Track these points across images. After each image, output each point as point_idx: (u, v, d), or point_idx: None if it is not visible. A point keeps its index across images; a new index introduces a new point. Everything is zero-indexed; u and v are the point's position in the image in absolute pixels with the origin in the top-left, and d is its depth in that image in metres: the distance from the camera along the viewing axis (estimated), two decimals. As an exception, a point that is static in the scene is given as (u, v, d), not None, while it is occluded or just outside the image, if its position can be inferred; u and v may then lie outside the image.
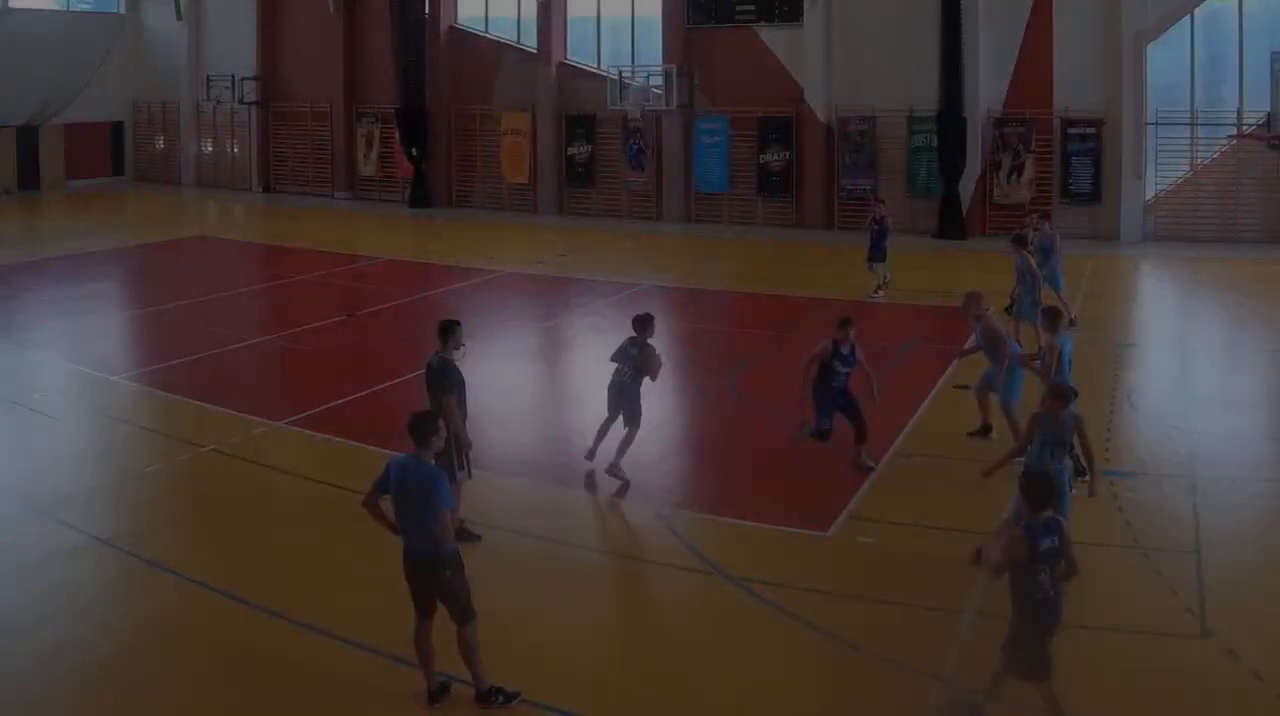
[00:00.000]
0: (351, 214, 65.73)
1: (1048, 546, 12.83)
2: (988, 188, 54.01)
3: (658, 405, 24.82)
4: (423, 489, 13.59)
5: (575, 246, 52.88)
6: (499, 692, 13.96)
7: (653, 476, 22.41)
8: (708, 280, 43.34)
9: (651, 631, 16.76)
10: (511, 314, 38.00)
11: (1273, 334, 34.91)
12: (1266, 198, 50.29)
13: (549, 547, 19.09)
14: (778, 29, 57.96)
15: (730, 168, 59.29)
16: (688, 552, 18.74)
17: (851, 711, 14.29)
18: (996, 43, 53.15)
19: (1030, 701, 13.31)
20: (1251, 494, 21.26)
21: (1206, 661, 14.94)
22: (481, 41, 66.76)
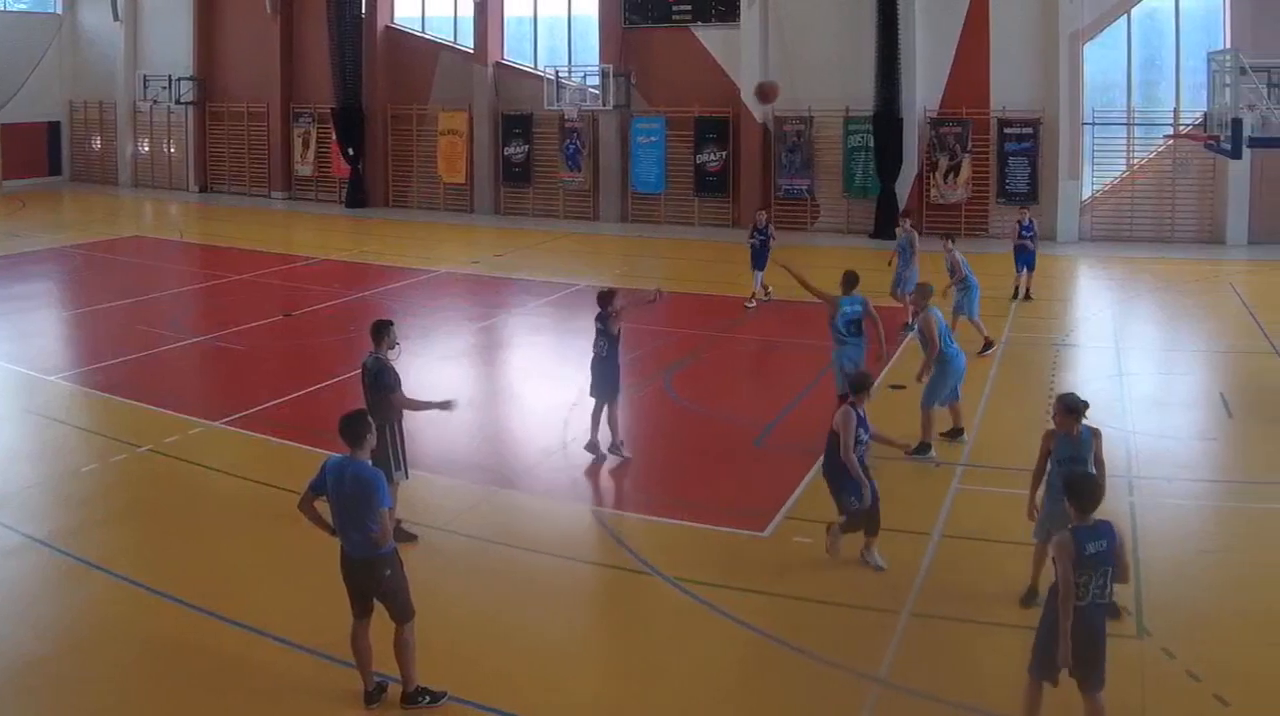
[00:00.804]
0: (288, 214, 64.85)
1: (1095, 552, 12.16)
2: (924, 188, 53.21)
3: (593, 405, 24.25)
4: (359, 489, 13.32)
5: (511, 246, 52.11)
6: (425, 693, 13.73)
7: (588, 476, 22.12)
8: (644, 280, 39.80)
9: (588, 631, 16.49)
10: (448, 314, 37.45)
11: (1208, 334, 34.51)
12: (1202, 198, 49.96)
13: (486, 547, 18.75)
14: (714, 29, 57.12)
15: (667, 168, 58.43)
16: (624, 552, 18.41)
17: (789, 711, 13.92)
18: (933, 43, 52.55)
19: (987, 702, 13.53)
20: (1187, 493, 20.94)
21: (1143, 660, 14.69)
22: (418, 41, 65.63)
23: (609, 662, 15.31)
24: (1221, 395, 27.05)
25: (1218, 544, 18.74)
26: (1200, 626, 15.56)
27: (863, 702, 14.11)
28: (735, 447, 22.77)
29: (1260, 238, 48.41)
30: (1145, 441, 23.48)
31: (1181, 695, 13.91)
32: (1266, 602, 16.33)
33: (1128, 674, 14.17)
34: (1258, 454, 23.26)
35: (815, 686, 14.41)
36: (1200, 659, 14.54)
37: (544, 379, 29.90)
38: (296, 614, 16.01)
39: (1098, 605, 12.27)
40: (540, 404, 27.25)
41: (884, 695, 14.26)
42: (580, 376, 26.92)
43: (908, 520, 19.03)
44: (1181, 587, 16.87)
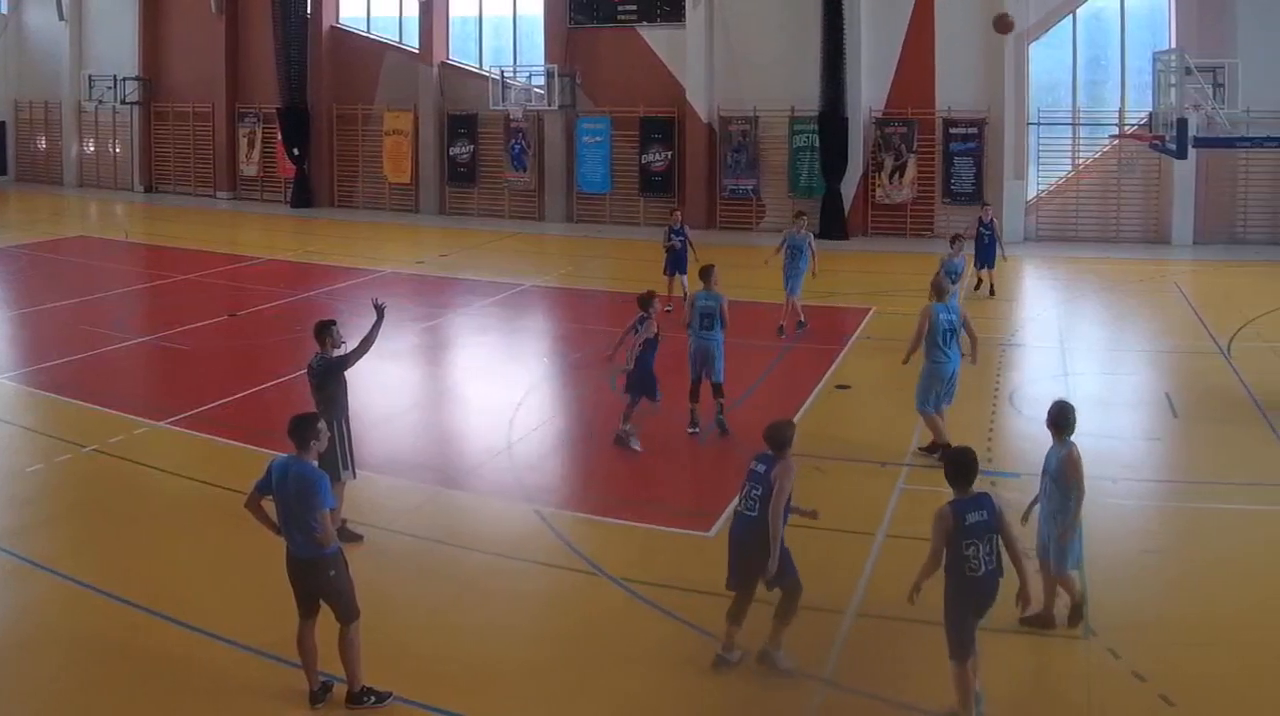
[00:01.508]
0: (233, 214, 63.90)
1: (975, 521, 12.66)
2: (869, 188, 52.81)
3: (539, 406, 25.96)
4: (302, 489, 13.10)
5: (457, 246, 51.43)
6: (370, 693, 13.49)
7: (534, 476, 21.77)
8: (589, 280, 42.21)
9: (533, 631, 15.95)
10: (393, 314, 34.63)
11: (1153, 333, 34.19)
12: (1147, 198, 49.83)
13: (431, 547, 18.45)
14: (660, 29, 56.52)
15: (612, 168, 57.63)
16: (569, 552, 18.12)
17: (735, 712, 13.83)
18: (878, 42, 51.93)
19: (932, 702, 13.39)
20: (1133, 493, 20.65)
21: (1089, 661, 14.57)
22: (363, 41, 64.58)
23: (554, 663, 14.87)
24: (1167, 395, 26.74)
25: (1163, 544, 18.60)
26: (1146, 626, 15.39)
27: (808, 703, 13.93)
28: (681, 448, 22.48)
29: (1205, 238, 48.24)
30: (1090, 441, 20.66)
31: (1127, 695, 13.71)
32: (1212, 602, 16.18)
33: (1073, 674, 14.30)
34: (1203, 454, 23.04)
35: (761, 687, 14.10)
36: (1146, 659, 14.37)
37: (489, 379, 29.36)
38: (242, 614, 15.73)
39: (990, 572, 12.72)
40: (486, 404, 26.69)
41: (829, 695, 14.05)
42: (525, 375, 28.42)
43: (853, 520, 18.76)
44: (1127, 588, 16.72)
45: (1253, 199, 48.39)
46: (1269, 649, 14.75)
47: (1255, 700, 13.67)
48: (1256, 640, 15.03)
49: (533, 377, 29.00)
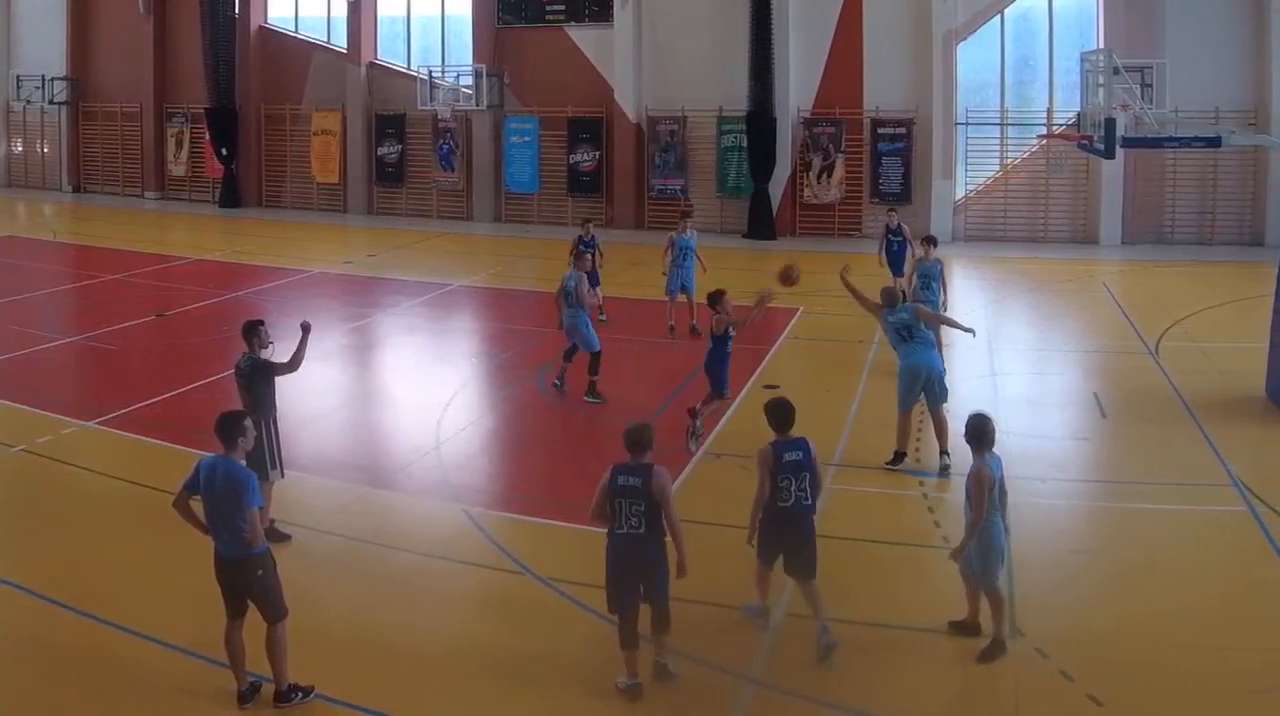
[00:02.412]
0: (162, 214, 62.56)
1: (791, 459, 14.38)
2: (797, 188, 51.96)
3: (468, 405, 25.79)
4: (232, 489, 12.93)
5: (385, 246, 50.57)
6: (296, 690, 13.27)
7: (462, 475, 21.53)
8: (517, 280, 41.36)
9: (461, 631, 15.64)
10: (321, 314, 34.72)
11: (1082, 333, 33.77)
12: (1076, 198, 49.30)
13: (359, 547, 18.14)
14: (588, 29, 55.47)
15: (540, 168, 56.60)
16: (497, 552, 17.84)
17: (663, 711, 13.57)
18: (806, 42, 51.14)
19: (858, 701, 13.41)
20: (1061, 493, 20.48)
21: (1016, 661, 14.32)
22: (291, 41, 63.15)
23: (481, 662, 14.58)
24: (1095, 395, 26.39)
25: (1091, 544, 18.44)
26: (1074, 626, 15.20)
27: (735, 702, 13.77)
28: (609, 447, 20.79)
29: (1133, 238, 47.89)
30: (1019, 441, 22.47)
31: (1055, 695, 13.57)
32: (1139, 602, 16.07)
33: (1001, 674, 14.11)
34: (1131, 454, 22.88)
35: (689, 686, 13.96)
36: (1074, 658, 14.20)
37: (418, 379, 29.03)
38: (170, 613, 15.39)
39: (802, 505, 14.42)
40: (414, 404, 26.40)
41: (756, 695, 13.90)
42: (453, 376, 28.14)
43: None
44: (1055, 587, 16.60)
45: (1180, 199, 47.89)
46: (1197, 648, 14.61)
47: (1183, 700, 13.54)
48: (1185, 640, 14.90)
49: (461, 377, 28.62)
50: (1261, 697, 13.46)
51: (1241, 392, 26.05)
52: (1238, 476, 20.59)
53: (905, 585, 16.49)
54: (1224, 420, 24.02)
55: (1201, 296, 36.88)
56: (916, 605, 15.93)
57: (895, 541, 17.46)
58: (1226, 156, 45.26)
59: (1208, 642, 14.75)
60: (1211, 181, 47.23)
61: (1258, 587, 16.46)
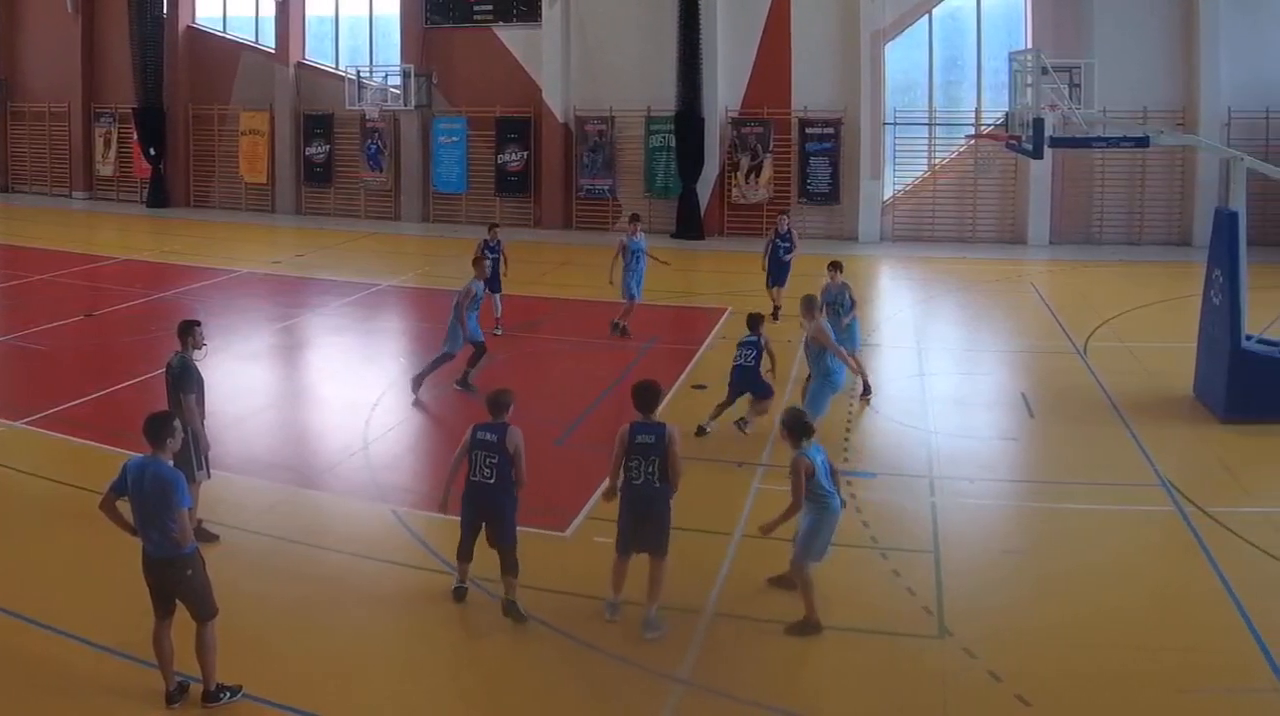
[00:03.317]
0: (89, 214, 61.01)
1: (643, 441, 14.75)
2: (725, 188, 51.06)
3: (396, 406, 25.24)
4: (160, 489, 12.74)
5: (313, 246, 49.54)
6: (224, 690, 13.15)
7: (390, 475, 21.18)
8: (445, 280, 38.85)
9: (388, 631, 15.44)
10: (249, 314, 35.58)
11: (1010, 333, 33.50)
12: (1004, 198, 48.87)
13: (287, 547, 17.93)
14: (516, 29, 54.36)
15: (468, 168, 55.50)
16: (425, 552, 17.67)
17: (591, 711, 13.59)
18: (735, 43, 50.36)
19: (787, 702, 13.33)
20: (989, 493, 20.40)
21: (944, 661, 14.29)
22: (219, 41, 61.38)
23: (409, 662, 14.43)
24: (1023, 395, 26.21)
25: (1019, 544, 18.24)
26: (1002, 627, 15.11)
27: (664, 702, 13.58)
28: (537, 447, 19.86)
29: (1061, 238, 47.61)
30: (947, 441, 22.99)
31: (983, 695, 13.46)
32: (1067, 602, 15.91)
33: (929, 674, 13.98)
34: (1059, 453, 22.71)
35: (617, 686, 13.96)
36: (1002, 659, 14.13)
37: (346, 379, 28.53)
38: (98, 614, 15.12)
39: (651, 486, 14.73)
40: (342, 404, 25.92)
41: (686, 695, 13.74)
42: (380, 376, 27.83)
43: (709, 520, 18.45)
44: (983, 588, 16.45)
45: (1109, 199, 47.64)
46: (1125, 649, 14.51)
47: (1111, 701, 13.41)
48: (1113, 640, 14.76)
49: (389, 377, 27.92)
50: (1190, 697, 13.37)
51: (1170, 392, 25.84)
52: (1166, 476, 20.48)
53: (832, 586, 15.82)
54: (1152, 420, 23.91)
55: (1130, 296, 36.63)
56: (843, 606, 15.62)
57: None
58: (1154, 156, 45.08)
59: (1136, 642, 14.67)
60: (1140, 181, 47.02)
61: (1186, 588, 16.37)
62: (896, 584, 16.41)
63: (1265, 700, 13.30)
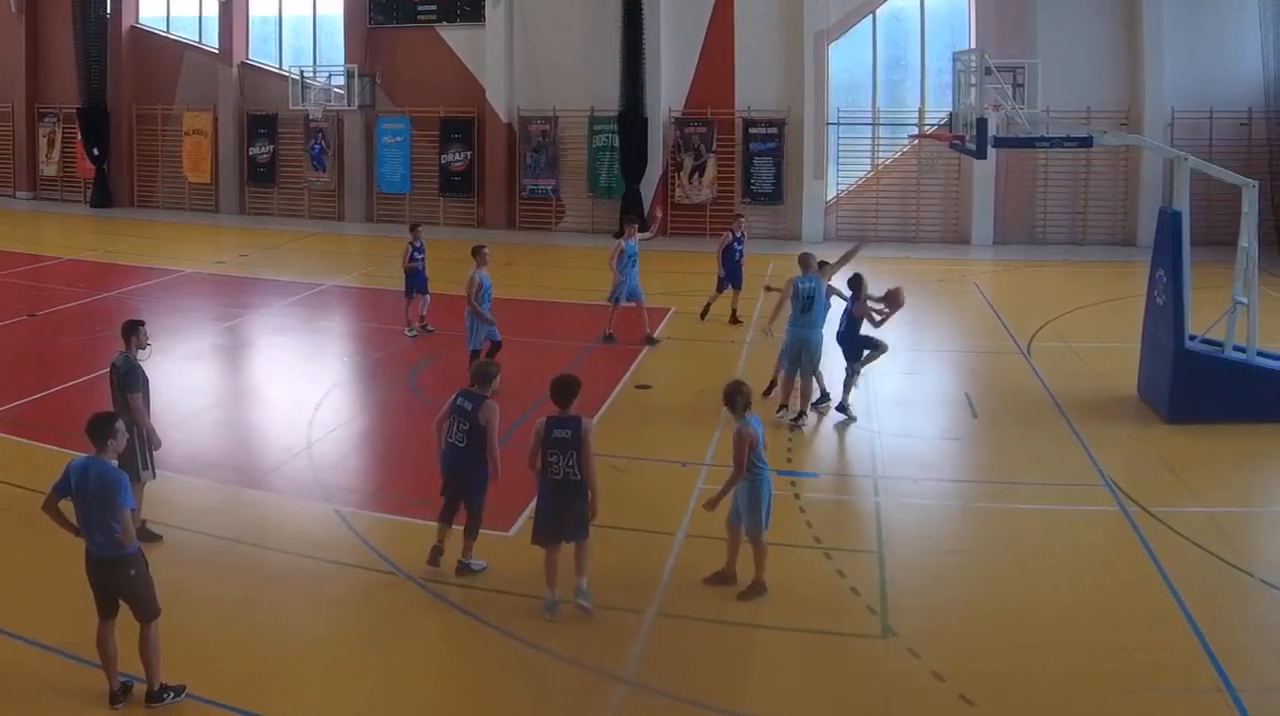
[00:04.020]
0: (33, 214, 59.39)
1: (559, 436, 14.78)
2: (669, 187, 50.12)
3: (340, 406, 25.12)
4: (104, 489, 12.49)
5: (257, 246, 48.52)
6: (168, 690, 12.89)
7: (334, 475, 20.83)
8: (389, 281, 38.36)
9: (332, 631, 15.20)
10: (193, 314, 34.88)
11: (953, 334, 33.16)
12: (947, 198, 48.30)
13: (231, 547, 17.61)
14: (459, 29, 53.29)
15: (412, 168, 54.29)
16: (369, 552, 17.35)
17: (533, 712, 13.32)
18: (678, 43, 49.52)
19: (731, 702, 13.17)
20: (933, 493, 20.19)
21: (888, 661, 14.15)
22: (163, 41, 59.75)
23: (353, 663, 14.21)
24: (967, 395, 26.03)
25: (963, 544, 18.09)
26: (945, 626, 14.95)
27: (607, 702, 13.40)
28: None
29: (1005, 238, 47.10)
30: (891, 441, 22.76)
31: (926, 695, 13.32)
32: (1011, 602, 15.80)
33: (872, 674, 13.87)
34: (1003, 454, 22.40)
35: (560, 687, 13.77)
36: (945, 659, 13.98)
37: (290, 379, 28.01)
38: (42, 614, 14.82)
39: (569, 480, 14.81)
40: (286, 404, 25.48)
41: (629, 695, 13.53)
42: (325, 376, 27.46)
43: (652, 520, 18.38)
44: (927, 588, 16.25)
45: (1052, 199, 47.18)
46: (1070, 649, 14.33)
47: (1055, 700, 13.27)
48: (1057, 640, 14.59)
49: (333, 377, 27.61)
50: (1134, 697, 13.23)
51: (1113, 392, 25.62)
52: (1109, 476, 20.32)
53: (776, 585, 15.68)
54: (1096, 420, 23.70)
55: (1073, 296, 36.39)
56: (787, 605, 15.47)
57: (767, 541, 16.06)
58: (1098, 157, 44.93)
59: (1080, 643, 14.47)
60: (1083, 182, 46.70)
61: (1129, 588, 16.16)
62: (840, 584, 16.19)
63: (1209, 700, 13.09)
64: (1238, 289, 23.33)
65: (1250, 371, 23.36)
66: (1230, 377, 23.36)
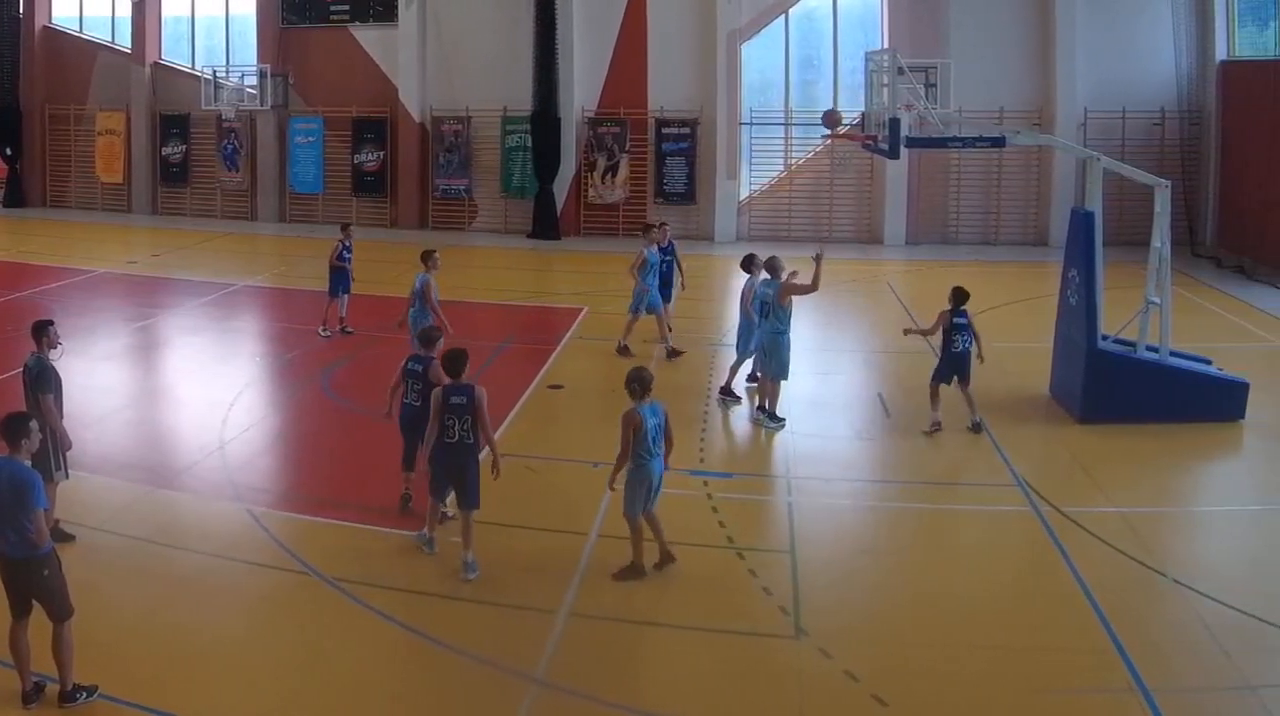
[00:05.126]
0: (-55, 215, 57.24)
1: (455, 402, 15.67)
2: (582, 188, 48.63)
3: (252, 405, 24.72)
4: (16, 490, 12.38)
5: (169, 246, 47.07)
6: (81, 690, 12.66)
7: (246, 475, 20.40)
8: (302, 280, 38.32)
9: (245, 631, 14.82)
10: (106, 314, 33.92)
11: (865, 334, 32.69)
12: (860, 198, 47.24)
13: (143, 546, 17.26)
14: (372, 29, 51.36)
15: (325, 168, 52.41)
16: (282, 552, 17.09)
17: (447, 712, 13.14)
18: (591, 42, 48.02)
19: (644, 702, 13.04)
20: (843, 492, 20.04)
21: (801, 661, 13.95)
22: (76, 41, 57.42)
23: (266, 663, 13.91)
24: (880, 395, 25.60)
25: (876, 544, 18.03)
26: (858, 626, 14.87)
27: (520, 702, 13.17)
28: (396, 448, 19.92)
29: (917, 238, 46.03)
30: (804, 442, 22.48)
31: (839, 695, 13.17)
32: (924, 602, 15.59)
33: (784, 674, 13.62)
34: (916, 453, 22.00)
35: (473, 687, 13.55)
36: (858, 659, 13.83)
37: (202, 379, 27.35)
38: None
39: (464, 443, 15.73)
40: (199, 404, 24.92)
41: (541, 695, 13.34)
42: (238, 375, 26.99)
43: (565, 520, 18.30)
44: (839, 588, 16.12)
45: (965, 200, 46.20)
46: (982, 648, 14.25)
47: (968, 700, 13.10)
48: (970, 639, 14.50)
49: (246, 377, 27.23)
50: (1047, 697, 13.12)
51: (1026, 392, 25.27)
52: (1022, 476, 20.09)
53: (689, 585, 15.82)
54: (1008, 420, 23.39)
55: (986, 296, 33.86)
56: (700, 605, 15.40)
57: (679, 541, 16.50)
58: (1011, 157, 44.22)
59: (993, 642, 14.38)
60: (996, 182, 45.75)
61: (1042, 588, 16.06)
62: (753, 583, 16.02)
63: (1121, 699, 12.96)
64: (1150, 289, 23.17)
65: (1163, 371, 23.17)
66: (1143, 377, 23.17)
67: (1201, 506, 19.88)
